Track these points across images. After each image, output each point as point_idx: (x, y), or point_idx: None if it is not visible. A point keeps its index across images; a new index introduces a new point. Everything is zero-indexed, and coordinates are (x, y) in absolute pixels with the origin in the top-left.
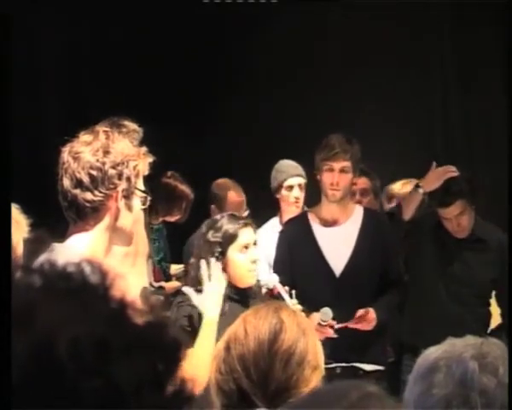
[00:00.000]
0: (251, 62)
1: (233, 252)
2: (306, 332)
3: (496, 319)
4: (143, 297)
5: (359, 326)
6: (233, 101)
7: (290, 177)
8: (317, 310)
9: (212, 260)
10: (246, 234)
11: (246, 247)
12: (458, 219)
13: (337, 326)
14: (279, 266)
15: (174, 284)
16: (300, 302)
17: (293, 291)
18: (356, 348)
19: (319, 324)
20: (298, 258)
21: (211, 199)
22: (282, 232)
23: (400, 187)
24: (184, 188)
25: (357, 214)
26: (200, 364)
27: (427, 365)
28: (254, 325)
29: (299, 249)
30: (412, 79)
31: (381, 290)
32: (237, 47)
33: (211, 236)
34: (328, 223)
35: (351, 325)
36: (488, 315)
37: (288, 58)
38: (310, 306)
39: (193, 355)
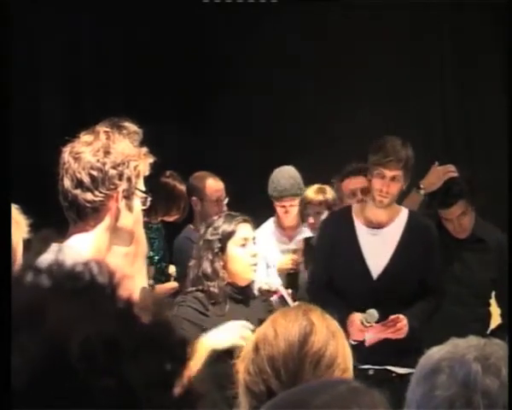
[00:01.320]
0: (251, 62)
1: (232, 247)
2: (336, 335)
3: (496, 320)
4: (143, 297)
5: (390, 335)
6: (233, 101)
7: (283, 199)
8: (353, 308)
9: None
10: (244, 229)
11: (245, 240)
12: (460, 219)
13: (368, 341)
14: (318, 259)
15: (172, 284)
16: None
17: (290, 291)
18: (389, 351)
19: (362, 323)
20: (337, 253)
21: (190, 192)
22: (322, 224)
23: (314, 193)
24: (183, 188)
25: (401, 217)
26: None
27: (430, 366)
28: (284, 326)
29: (340, 245)
30: (412, 79)
31: (419, 296)
32: (237, 47)
33: (209, 234)
34: (372, 224)
35: (383, 335)
36: (488, 315)
37: (288, 58)
38: (346, 303)
39: None
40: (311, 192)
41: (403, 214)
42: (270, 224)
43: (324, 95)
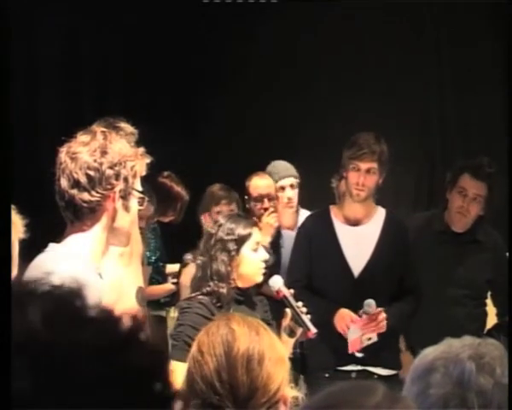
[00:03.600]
0: (251, 62)
1: (246, 250)
2: (259, 331)
3: (492, 319)
4: (138, 297)
5: (372, 330)
6: (232, 101)
7: (282, 178)
8: (335, 306)
9: None
10: (257, 232)
11: (257, 244)
12: (471, 202)
13: (351, 347)
14: (297, 261)
15: (169, 286)
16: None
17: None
18: (370, 352)
19: (366, 315)
20: (317, 253)
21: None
22: (301, 227)
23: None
24: (180, 189)
25: (379, 216)
26: None
27: (425, 365)
28: (207, 343)
29: (320, 245)
30: (412, 79)
31: (397, 297)
32: (237, 47)
33: (224, 235)
34: (350, 221)
35: (365, 329)
36: (484, 315)
37: (288, 58)
38: (327, 303)
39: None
40: (220, 189)
41: (380, 213)
42: None
43: (324, 94)
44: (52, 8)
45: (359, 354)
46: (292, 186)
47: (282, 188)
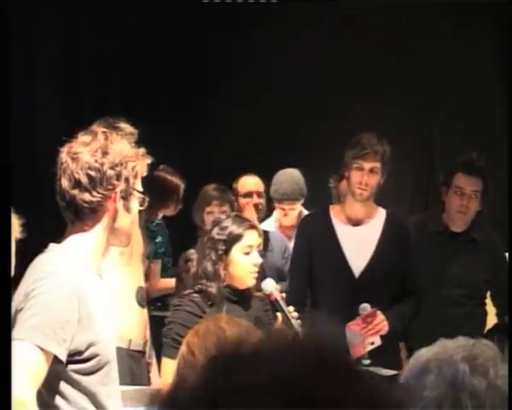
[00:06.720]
0: (250, 62)
1: (236, 252)
2: (249, 330)
3: (492, 319)
4: (138, 297)
5: (372, 333)
6: (232, 101)
7: (283, 202)
8: (332, 309)
9: None
10: (251, 236)
11: (250, 247)
12: (469, 199)
13: (354, 350)
14: (296, 262)
15: (171, 281)
16: (314, 301)
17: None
18: (371, 353)
19: (362, 319)
20: (317, 253)
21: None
22: (300, 227)
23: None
24: (174, 179)
25: (379, 216)
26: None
27: (418, 366)
28: (199, 344)
29: (319, 245)
30: (413, 79)
31: (398, 298)
32: (237, 47)
33: (215, 233)
34: (351, 221)
35: (364, 333)
36: (484, 315)
37: (288, 58)
38: (324, 303)
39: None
40: (213, 189)
41: (381, 213)
42: (270, 223)
43: (324, 94)
44: (52, 8)
45: (366, 361)
46: (292, 209)
47: (283, 208)
